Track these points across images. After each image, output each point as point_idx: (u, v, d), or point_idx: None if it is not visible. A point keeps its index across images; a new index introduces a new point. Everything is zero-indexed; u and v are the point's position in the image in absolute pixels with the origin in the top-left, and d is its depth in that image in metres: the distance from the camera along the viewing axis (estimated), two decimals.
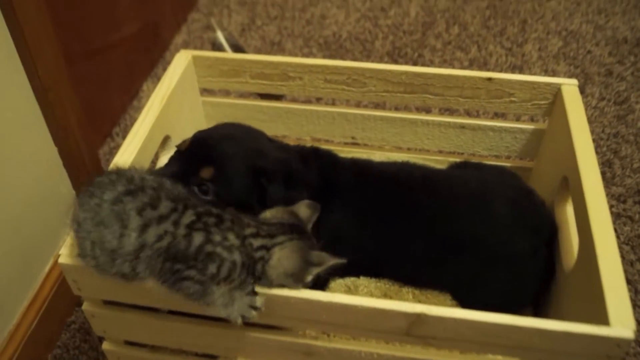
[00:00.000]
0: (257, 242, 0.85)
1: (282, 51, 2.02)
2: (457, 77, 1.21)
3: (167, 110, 1.17)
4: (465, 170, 1.26)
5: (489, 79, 1.20)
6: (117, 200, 0.82)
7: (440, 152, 1.35)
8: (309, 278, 0.85)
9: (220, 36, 1.96)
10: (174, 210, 0.84)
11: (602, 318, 0.80)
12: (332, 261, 0.85)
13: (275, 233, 0.87)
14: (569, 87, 1.17)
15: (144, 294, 0.89)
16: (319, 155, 1.18)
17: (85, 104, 1.32)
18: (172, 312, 0.97)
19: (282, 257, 0.85)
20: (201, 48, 2.02)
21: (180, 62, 1.25)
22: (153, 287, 0.83)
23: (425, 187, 1.15)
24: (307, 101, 1.71)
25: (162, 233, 0.81)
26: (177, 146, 1.06)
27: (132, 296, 0.92)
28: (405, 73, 1.23)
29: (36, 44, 1.12)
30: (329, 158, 1.19)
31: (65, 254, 0.89)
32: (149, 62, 1.92)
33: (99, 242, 0.81)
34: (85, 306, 0.97)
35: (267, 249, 0.85)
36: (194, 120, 1.32)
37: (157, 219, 0.82)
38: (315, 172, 1.12)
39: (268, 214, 0.93)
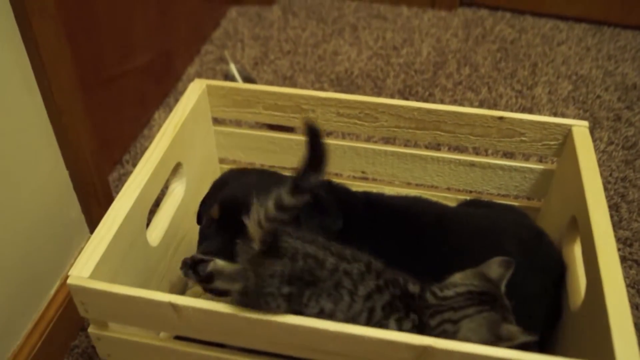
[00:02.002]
0: (435, 321, 0.87)
1: (294, 85, 2.04)
2: (468, 115, 1.22)
3: (180, 138, 1.18)
4: (476, 209, 1.26)
5: (501, 118, 1.21)
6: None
7: (449, 189, 1.35)
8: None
9: (233, 68, 1.98)
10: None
11: (608, 358, 0.80)
12: (523, 338, 0.83)
13: (463, 305, 0.87)
14: (580, 129, 1.18)
15: (151, 317, 0.89)
16: (333, 187, 1.19)
17: (96, 130, 1.34)
18: (178, 337, 0.97)
19: (471, 330, 0.85)
20: (213, 79, 2.04)
21: (195, 91, 1.27)
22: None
23: (437, 224, 1.15)
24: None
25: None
26: (206, 214, 1.08)
27: (139, 320, 0.92)
28: (418, 109, 1.24)
29: (53, 66, 1.13)
30: (343, 190, 1.19)
31: (74, 274, 0.89)
32: (161, 91, 1.94)
33: None
34: (91, 329, 0.97)
35: (454, 322, 0.86)
36: (205, 149, 1.33)
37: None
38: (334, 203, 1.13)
39: (457, 278, 0.93)
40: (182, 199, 1.21)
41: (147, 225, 1.12)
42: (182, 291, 1.28)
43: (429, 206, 1.22)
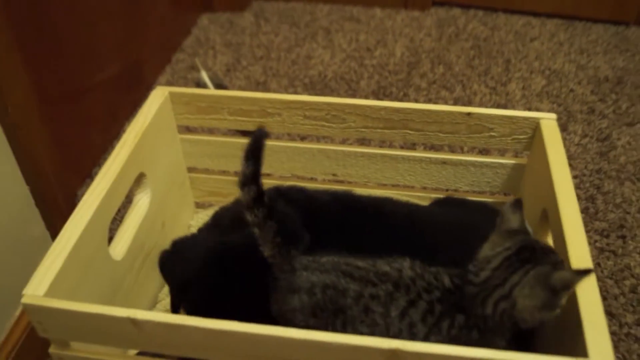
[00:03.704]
0: (489, 307, 0.85)
1: (267, 91, 2.02)
2: (436, 113, 1.20)
3: (142, 148, 1.15)
4: (448, 208, 1.25)
5: (469, 114, 1.19)
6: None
7: (425, 188, 1.33)
8: (563, 301, 0.82)
9: (205, 76, 1.96)
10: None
11: (581, 351, 0.78)
12: (578, 278, 0.80)
13: (506, 276, 0.84)
14: (548, 122, 1.16)
15: (111, 334, 0.86)
16: (289, 195, 1.18)
17: (62, 144, 1.31)
18: (140, 353, 0.95)
19: (526, 296, 0.82)
20: (185, 88, 2.02)
21: (157, 99, 1.24)
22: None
23: (408, 222, 1.13)
24: (292, 139, 1.70)
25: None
26: None
27: (100, 337, 0.89)
28: (385, 108, 1.22)
29: (6, 80, 1.10)
30: (300, 192, 1.18)
31: (28, 293, 0.86)
32: (131, 102, 1.91)
33: None
34: (52, 349, 0.94)
35: (506, 297, 0.83)
36: (171, 157, 1.30)
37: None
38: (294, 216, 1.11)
39: (487, 250, 0.90)
40: (147, 210, 1.18)
41: (111, 238, 1.10)
42: (152, 306, 1.25)
43: (398, 204, 1.20)
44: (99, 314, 0.84)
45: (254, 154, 0.93)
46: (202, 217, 1.42)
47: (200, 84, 1.97)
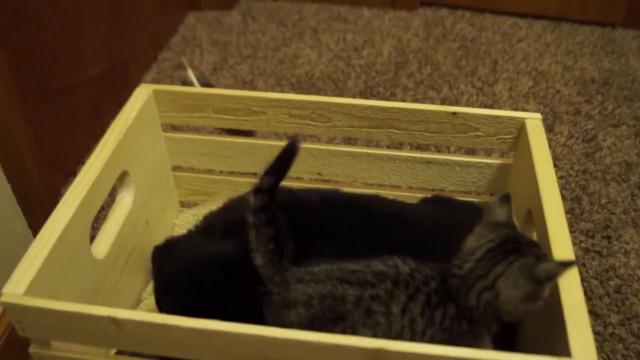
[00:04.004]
0: (472, 298, 0.85)
1: (253, 90, 2.00)
2: (422, 112, 1.20)
3: (125, 145, 1.14)
4: (436, 206, 1.24)
5: (454, 114, 1.19)
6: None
7: (410, 188, 1.33)
8: (546, 293, 0.82)
9: (191, 74, 1.95)
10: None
11: (564, 350, 0.78)
12: (562, 270, 0.80)
13: (490, 267, 0.84)
14: (533, 121, 1.16)
15: (92, 333, 0.85)
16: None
17: (46, 142, 1.30)
18: (119, 352, 0.94)
19: (510, 286, 0.82)
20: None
21: (140, 96, 1.23)
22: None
23: (396, 220, 1.13)
24: (277, 137, 1.69)
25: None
26: None
27: (80, 336, 0.88)
28: (370, 107, 1.21)
29: None
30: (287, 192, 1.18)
31: (7, 292, 0.85)
32: (116, 100, 1.88)
33: None
34: (32, 348, 0.93)
35: (489, 288, 0.84)
36: (155, 156, 1.29)
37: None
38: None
39: (471, 241, 0.90)
40: (130, 209, 1.17)
41: (94, 237, 1.08)
42: (135, 305, 1.24)
43: (386, 202, 1.20)
44: (79, 312, 0.83)
45: (281, 167, 0.92)
46: (186, 216, 1.41)
47: (186, 83, 1.95)
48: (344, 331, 0.86)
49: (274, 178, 0.91)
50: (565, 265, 0.80)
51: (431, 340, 0.86)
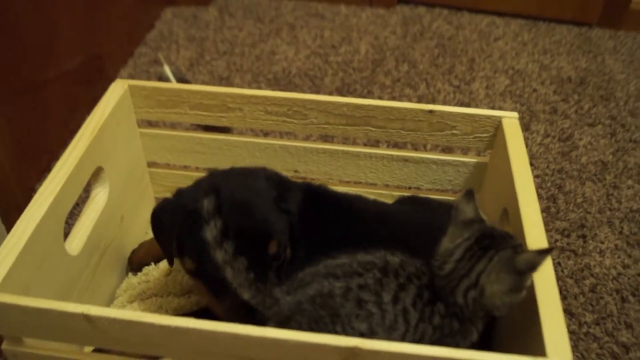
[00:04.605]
0: (459, 296, 0.86)
1: (230, 86, 1.99)
2: (398, 110, 1.20)
3: (99, 141, 1.13)
4: (413, 207, 1.24)
5: (431, 112, 1.19)
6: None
7: (387, 186, 1.33)
8: (529, 282, 0.83)
9: (167, 70, 1.93)
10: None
11: (539, 350, 0.78)
12: (541, 258, 0.80)
13: (470, 265, 0.85)
14: (510, 120, 1.16)
15: (65, 330, 0.84)
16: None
17: (20, 137, 1.28)
18: (97, 350, 0.93)
19: (493, 282, 0.82)
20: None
21: (116, 92, 1.22)
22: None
23: (377, 220, 1.13)
24: (253, 134, 1.69)
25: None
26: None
27: (53, 333, 0.87)
28: (347, 105, 1.21)
29: None
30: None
31: None
32: (92, 96, 1.86)
33: None
34: (5, 345, 0.91)
35: (474, 286, 0.84)
36: (130, 151, 1.28)
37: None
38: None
39: (446, 243, 0.89)
40: (105, 205, 1.16)
41: (68, 233, 1.07)
42: (109, 302, 1.23)
43: (367, 202, 1.20)
44: (52, 309, 0.82)
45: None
46: None
47: (162, 79, 1.94)
48: (343, 328, 0.85)
49: (215, 198, 0.87)
50: (543, 253, 0.80)
51: (422, 338, 0.86)
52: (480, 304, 0.85)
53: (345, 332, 0.86)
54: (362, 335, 0.84)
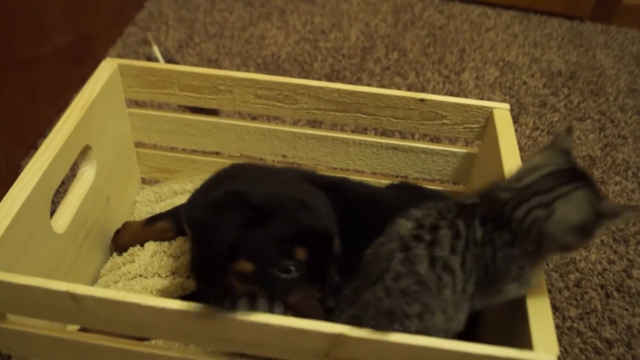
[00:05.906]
0: (520, 212, 0.81)
1: (218, 69, 1.98)
2: (389, 97, 1.20)
3: (88, 120, 1.12)
4: (403, 192, 1.24)
5: (422, 100, 1.19)
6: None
7: (374, 173, 1.33)
8: (598, 231, 0.78)
9: (156, 50, 1.92)
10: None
11: (526, 342, 0.78)
12: (626, 211, 0.76)
13: (553, 185, 0.80)
14: (501, 111, 1.16)
15: (50, 308, 0.84)
16: None
17: (6, 114, 1.26)
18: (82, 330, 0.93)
19: (568, 209, 0.78)
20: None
21: (105, 71, 1.21)
22: None
23: (368, 206, 1.13)
24: (242, 117, 1.68)
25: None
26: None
27: (38, 311, 0.87)
28: (338, 91, 1.21)
29: None
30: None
31: None
32: (80, 74, 1.85)
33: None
34: None
35: (545, 205, 0.79)
36: (118, 131, 1.27)
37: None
38: None
39: (538, 159, 0.85)
40: (92, 184, 1.15)
41: (54, 211, 1.07)
42: (93, 281, 1.22)
43: (358, 185, 1.21)
44: (37, 287, 0.82)
45: None
46: (147, 193, 1.39)
47: (151, 59, 1.92)
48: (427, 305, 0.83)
49: None
50: (630, 208, 0.77)
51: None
52: (537, 226, 0.80)
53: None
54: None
